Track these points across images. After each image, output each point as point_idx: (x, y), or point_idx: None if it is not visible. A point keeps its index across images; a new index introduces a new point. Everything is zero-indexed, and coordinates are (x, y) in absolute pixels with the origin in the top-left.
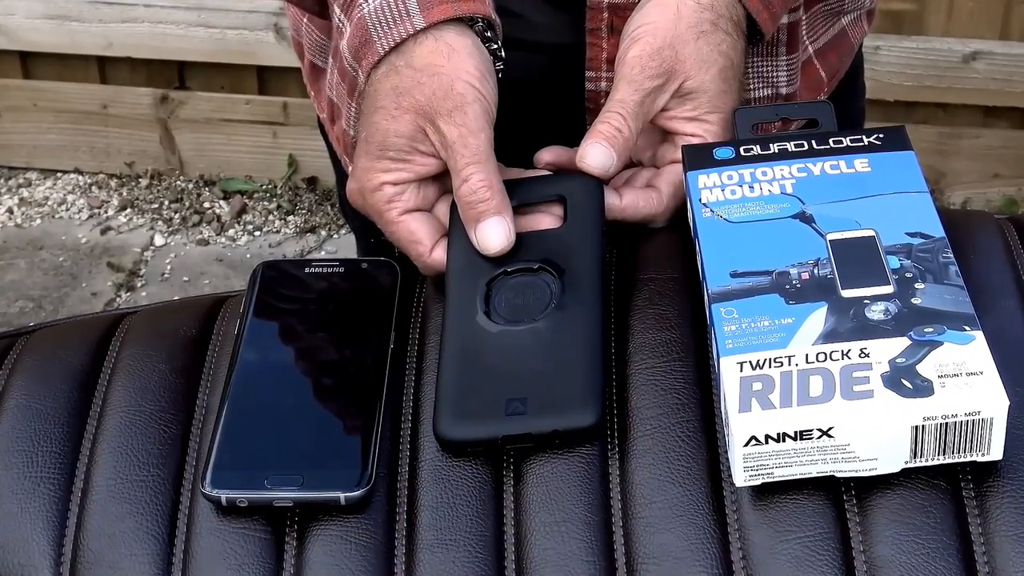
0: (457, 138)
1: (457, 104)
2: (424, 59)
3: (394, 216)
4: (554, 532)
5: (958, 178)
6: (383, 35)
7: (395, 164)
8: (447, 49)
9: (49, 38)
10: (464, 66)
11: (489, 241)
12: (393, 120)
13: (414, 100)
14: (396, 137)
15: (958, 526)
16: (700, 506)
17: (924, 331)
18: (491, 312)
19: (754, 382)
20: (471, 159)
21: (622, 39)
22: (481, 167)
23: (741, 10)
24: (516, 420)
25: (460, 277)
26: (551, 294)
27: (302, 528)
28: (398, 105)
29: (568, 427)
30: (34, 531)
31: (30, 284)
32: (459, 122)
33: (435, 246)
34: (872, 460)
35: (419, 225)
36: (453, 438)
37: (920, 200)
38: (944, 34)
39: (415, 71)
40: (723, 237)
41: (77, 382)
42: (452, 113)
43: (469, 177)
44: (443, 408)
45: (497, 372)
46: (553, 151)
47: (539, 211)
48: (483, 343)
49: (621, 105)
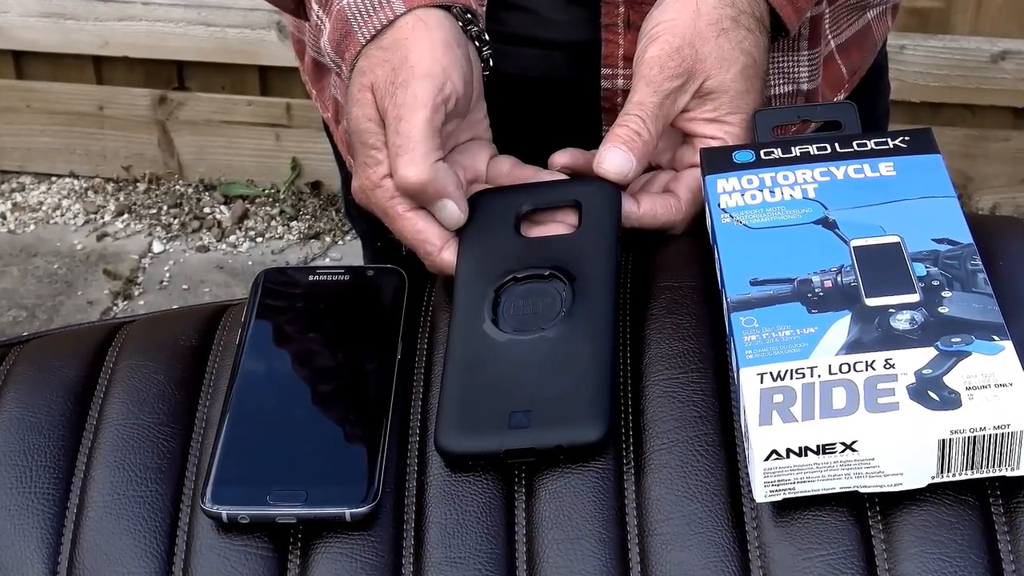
0: (392, 121)
1: (404, 79)
2: (392, 37)
3: (400, 212)
4: (567, 550)
5: (986, 182)
6: (363, 24)
7: (380, 152)
8: (415, 22)
9: (43, 37)
10: (427, 36)
11: (443, 221)
12: (359, 105)
13: (372, 76)
14: (366, 121)
15: (986, 543)
16: (719, 523)
17: (951, 341)
18: (498, 320)
19: (775, 394)
20: (401, 148)
21: (640, 38)
22: (410, 158)
23: (764, 5)
24: (520, 433)
25: (468, 283)
26: (561, 302)
27: (306, 546)
28: (360, 86)
29: (573, 442)
30: (28, 548)
31: (24, 292)
32: (399, 100)
33: (444, 247)
34: (897, 475)
35: (426, 224)
36: (454, 451)
37: (947, 205)
38: (972, 33)
39: (382, 50)
40: (743, 243)
41: (72, 394)
42: (396, 90)
43: (398, 169)
44: (445, 419)
45: (502, 383)
46: (569, 153)
47: (553, 216)
48: (489, 352)
49: (640, 107)
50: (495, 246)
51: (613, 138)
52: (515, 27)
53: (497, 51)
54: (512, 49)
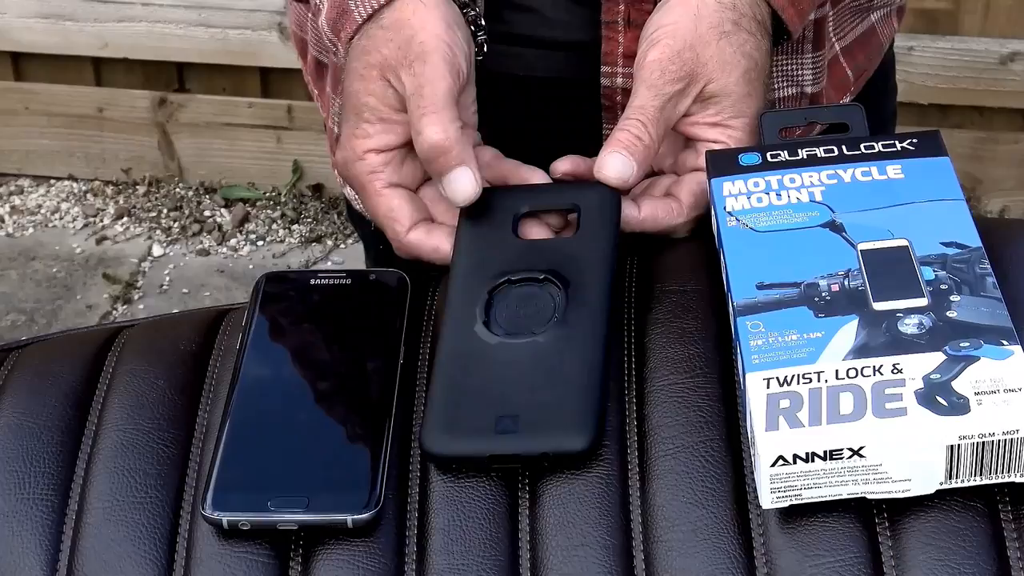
0: (415, 88)
1: (418, 54)
2: (393, 17)
3: (377, 188)
4: (572, 557)
5: (995, 185)
6: (361, 2)
7: (373, 127)
8: (415, 4)
9: (42, 38)
10: (430, 16)
11: (456, 192)
12: (362, 80)
13: (380, 55)
14: (367, 96)
15: (995, 550)
16: (725, 529)
17: (960, 346)
18: (490, 323)
19: (781, 399)
20: (426, 109)
21: (641, 42)
22: (437, 117)
23: (765, 8)
24: (505, 439)
25: (462, 283)
26: (555, 307)
27: (307, 553)
28: (366, 64)
29: (558, 450)
30: (26, 555)
31: (22, 296)
32: (417, 71)
33: (413, 227)
34: (905, 481)
35: (401, 202)
36: (438, 452)
37: (956, 208)
38: (981, 34)
39: (383, 29)
40: (749, 247)
41: (71, 399)
42: (413, 63)
43: (423, 129)
44: (431, 420)
45: (491, 387)
46: (570, 160)
47: (551, 219)
48: (479, 355)
49: (641, 111)
50: (492, 246)
51: (614, 143)
52: (518, 27)
53: (500, 51)
54: (515, 49)
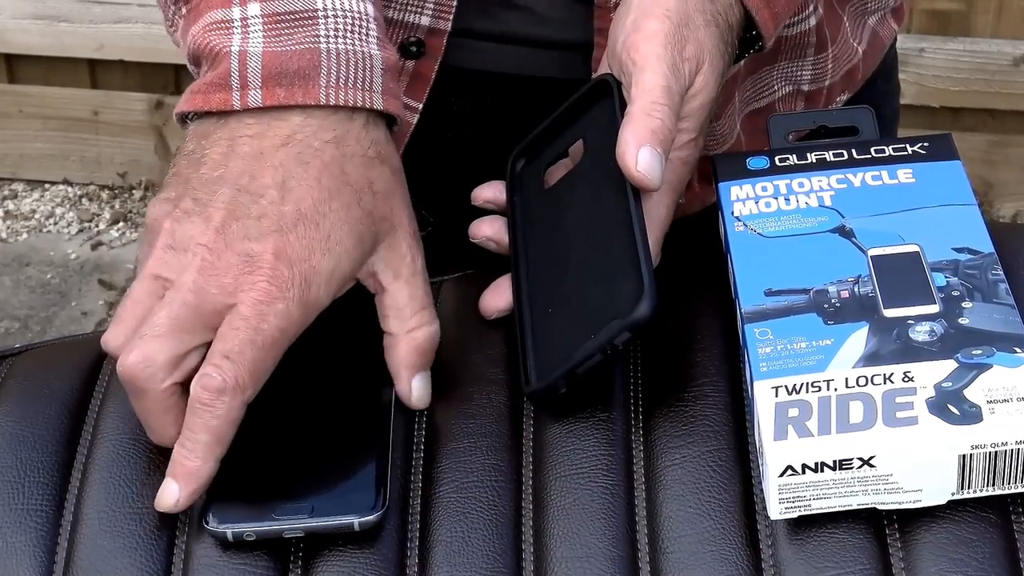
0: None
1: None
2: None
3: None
4: (576, 568)
5: (1008, 189)
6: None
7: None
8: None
9: (37, 39)
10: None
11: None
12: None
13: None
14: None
15: (1009, 562)
16: (732, 540)
17: (972, 353)
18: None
19: (790, 408)
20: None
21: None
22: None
23: (740, 11)
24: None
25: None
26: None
27: (307, 563)
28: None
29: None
30: (20, 567)
31: (16, 303)
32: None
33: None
34: (916, 491)
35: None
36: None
37: (968, 213)
38: (993, 35)
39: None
40: (757, 252)
41: (66, 408)
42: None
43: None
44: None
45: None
46: (492, 187)
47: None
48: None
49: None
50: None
51: (647, 134)
52: (514, 26)
53: (493, 49)
54: (508, 48)
